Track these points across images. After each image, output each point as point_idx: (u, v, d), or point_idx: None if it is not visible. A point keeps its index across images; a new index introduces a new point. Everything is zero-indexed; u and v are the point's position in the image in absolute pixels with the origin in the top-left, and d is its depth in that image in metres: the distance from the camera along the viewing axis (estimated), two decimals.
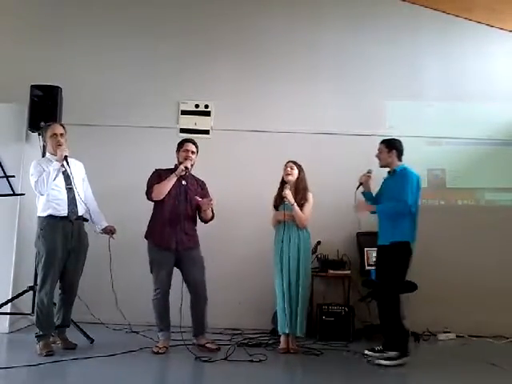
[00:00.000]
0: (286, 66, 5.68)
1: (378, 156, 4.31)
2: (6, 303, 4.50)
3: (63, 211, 3.96)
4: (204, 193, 4.34)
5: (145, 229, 4.24)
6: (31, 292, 4.57)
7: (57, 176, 3.95)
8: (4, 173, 3.54)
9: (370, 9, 5.80)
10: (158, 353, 4.03)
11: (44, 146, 4.67)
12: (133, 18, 5.77)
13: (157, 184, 4.14)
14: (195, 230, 4.32)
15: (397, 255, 4.06)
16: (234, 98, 5.65)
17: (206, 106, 5.66)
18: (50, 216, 3.93)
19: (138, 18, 5.77)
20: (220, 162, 5.42)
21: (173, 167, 4.27)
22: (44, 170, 3.92)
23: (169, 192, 4.14)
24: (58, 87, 4.94)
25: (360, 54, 5.75)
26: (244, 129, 5.57)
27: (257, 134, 5.57)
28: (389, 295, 4.06)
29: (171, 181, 4.13)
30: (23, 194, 3.95)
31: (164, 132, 5.54)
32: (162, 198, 4.13)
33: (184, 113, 5.67)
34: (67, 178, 4.04)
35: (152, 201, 4.18)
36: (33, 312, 4.57)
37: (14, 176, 3.68)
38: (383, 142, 4.32)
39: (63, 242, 3.94)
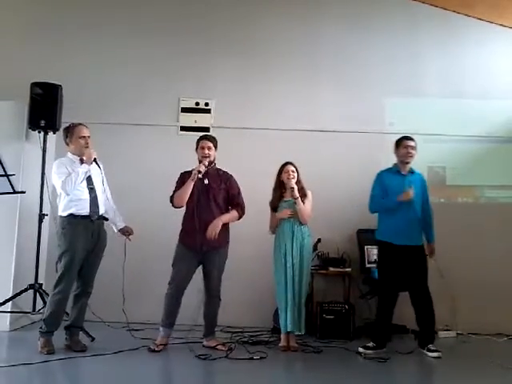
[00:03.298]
0: (286, 64, 5.67)
1: (412, 153, 4.32)
2: (6, 301, 4.52)
3: (85, 211, 3.95)
4: (228, 188, 4.28)
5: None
6: (32, 290, 4.58)
7: (84, 178, 3.95)
8: (4, 171, 3.54)
9: (369, 6, 5.78)
10: (154, 350, 4.02)
11: (44, 145, 4.68)
12: (133, 16, 5.76)
13: (177, 191, 4.15)
14: (225, 229, 4.24)
15: (378, 253, 4.38)
16: (234, 95, 5.64)
17: (207, 104, 5.66)
18: (71, 215, 3.92)
19: (139, 16, 5.76)
20: (220, 159, 5.40)
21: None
22: (69, 171, 3.90)
23: (191, 193, 4.13)
24: (58, 85, 4.95)
25: (360, 52, 5.74)
26: (244, 127, 5.56)
27: (257, 131, 5.56)
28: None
29: (189, 186, 4.11)
30: (24, 192, 3.95)
31: (164, 130, 5.54)
32: (184, 204, 4.14)
33: (184, 110, 5.66)
34: (89, 179, 4.02)
35: (176, 208, 4.19)
36: (33, 310, 4.59)
37: (14, 174, 3.69)
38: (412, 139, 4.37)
39: (84, 242, 3.93)
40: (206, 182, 4.20)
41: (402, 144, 4.32)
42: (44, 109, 4.82)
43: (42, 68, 5.36)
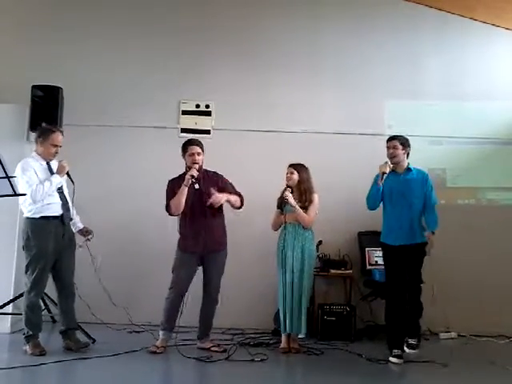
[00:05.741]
0: (287, 66, 5.67)
1: (394, 152, 4.23)
2: (7, 304, 4.52)
3: (57, 213, 3.96)
4: (220, 188, 4.23)
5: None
6: None
7: (54, 190, 3.95)
8: (5, 173, 3.54)
9: (370, 8, 5.79)
10: (155, 352, 4.02)
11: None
12: (133, 18, 5.76)
13: (172, 199, 4.11)
14: (223, 230, 4.30)
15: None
16: (234, 97, 5.64)
17: (207, 106, 5.66)
18: (42, 218, 3.91)
19: (139, 18, 5.76)
20: (221, 162, 5.37)
21: (184, 171, 4.24)
22: (39, 179, 3.89)
23: (185, 199, 4.10)
24: (58, 88, 4.96)
25: (360, 54, 5.74)
26: (245, 129, 5.56)
27: (257, 133, 5.56)
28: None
29: (183, 193, 4.08)
30: (25, 195, 3.95)
31: (165, 132, 5.54)
32: (181, 210, 4.11)
33: (185, 113, 5.66)
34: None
35: (174, 216, 4.18)
36: None
37: (15, 176, 3.70)
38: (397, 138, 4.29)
39: (54, 243, 3.93)
40: (197, 186, 4.16)
41: (386, 145, 4.32)
42: (45, 111, 4.84)
43: (43, 70, 5.36)
